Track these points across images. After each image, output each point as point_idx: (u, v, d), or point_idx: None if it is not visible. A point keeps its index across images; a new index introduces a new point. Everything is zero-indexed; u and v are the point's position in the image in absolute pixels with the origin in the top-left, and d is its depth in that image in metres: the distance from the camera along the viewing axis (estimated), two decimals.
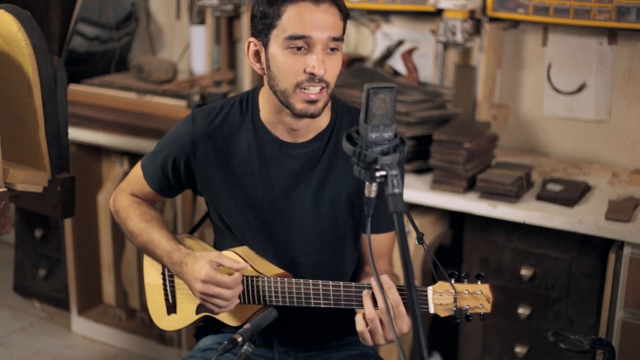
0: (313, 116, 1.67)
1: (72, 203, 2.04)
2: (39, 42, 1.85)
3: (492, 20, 2.73)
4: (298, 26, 1.60)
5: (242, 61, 3.29)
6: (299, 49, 1.62)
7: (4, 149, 1.83)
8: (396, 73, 2.81)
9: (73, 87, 3.08)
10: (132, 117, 2.95)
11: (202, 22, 3.29)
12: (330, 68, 1.64)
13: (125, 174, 3.05)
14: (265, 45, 1.66)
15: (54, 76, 1.90)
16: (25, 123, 1.92)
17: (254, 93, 1.82)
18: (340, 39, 1.65)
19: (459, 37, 2.72)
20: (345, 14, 1.67)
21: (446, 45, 2.85)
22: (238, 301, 1.74)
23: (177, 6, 3.48)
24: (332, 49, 1.64)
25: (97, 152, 3.15)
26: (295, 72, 1.63)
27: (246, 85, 3.24)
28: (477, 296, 1.58)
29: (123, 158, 3.07)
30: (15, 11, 1.85)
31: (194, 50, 3.30)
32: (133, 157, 3.04)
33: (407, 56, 2.71)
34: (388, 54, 2.81)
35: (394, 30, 3.02)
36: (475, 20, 2.76)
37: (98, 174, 3.18)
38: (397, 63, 2.88)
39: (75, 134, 2.97)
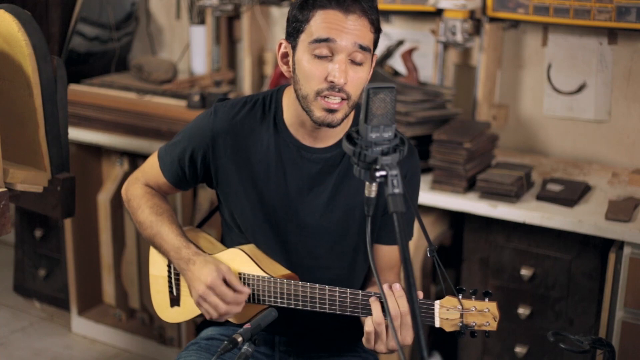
0: (330, 125, 1.66)
1: (72, 203, 2.03)
2: (39, 42, 1.85)
3: (492, 20, 2.73)
4: (323, 30, 1.59)
5: (242, 61, 3.29)
6: (323, 56, 1.60)
7: (4, 149, 1.83)
8: (396, 73, 2.81)
9: (73, 87, 3.08)
10: (132, 117, 2.95)
11: (202, 22, 3.29)
12: (353, 80, 1.62)
13: (125, 173, 3.06)
14: (294, 48, 1.66)
15: (54, 76, 1.90)
16: (25, 123, 1.92)
17: (278, 93, 1.80)
18: (367, 50, 1.62)
19: (459, 37, 2.71)
20: (377, 28, 1.65)
21: (446, 45, 2.85)
22: (229, 317, 1.74)
23: (177, 6, 3.48)
24: (359, 63, 1.62)
25: (97, 152, 3.15)
26: (317, 78, 1.62)
27: (246, 85, 3.24)
28: (484, 314, 1.58)
29: (123, 158, 3.07)
30: (15, 11, 1.85)
31: (194, 50, 3.30)
32: (133, 157, 3.04)
33: (407, 56, 2.71)
34: (388, 54, 2.81)
35: (394, 30, 3.02)
36: (475, 20, 2.76)
37: (98, 174, 3.18)
38: (397, 63, 2.88)
39: (75, 134, 2.97)
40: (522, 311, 2.44)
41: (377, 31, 1.65)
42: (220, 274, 1.71)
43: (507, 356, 2.52)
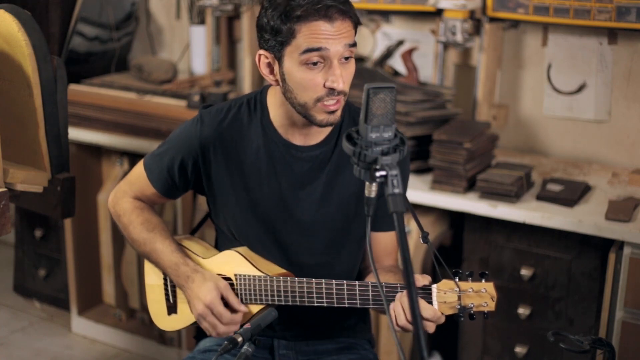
0: (333, 124, 1.69)
1: (72, 203, 2.03)
2: (39, 42, 1.84)
3: (492, 20, 2.73)
4: (313, 41, 1.60)
5: (242, 61, 3.29)
6: (315, 64, 1.61)
7: (4, 149, 1.83)
8: (396, 73, 2.81)
9: (73, 87, 3.08)
10: (132, 117, 2.95)
11: (202, 22, 3.29)
12: (346, 77, 1.65)
13: (126, 174, 3.05)
14: (279, 59, 1.65)
15: (54, 76, 1.89)
16: (25, 123, 1.92)
17: (261, 94, 1.81)
18: (354, 45, 1.65)
19: (459, 37, 2.71)
20: (357, 22, 1.67)
21: (446, 45, 2.85)
22: (226, 336, 1.74)
23: (177, 6, 3.48)
24: (347, 58, 1.64)
25: (97, 152, 3.15)
26: (314, 87, 1.63)
27: (246, 85, 3.24)
28: (481, 294, 1.59)
29: (123, 158, 3.07)
30: (15, 11, 1.85)
31: (194, 50, 3.30)
32: (133, 157, 3.04)
33: (407, 56, 2.71)
34: (388, 54, 2.81)
35: (394, 30, 3.02)
36: (475, 20, 2.76)
37: (98, 174, 3.18)
38: (397, 63, 2.88)
39: (75, 134, 2.97)
40: (522, 311, 2.44)
41: (357, 24, 1.67)
42: (218, 292, 1.72)
43: (507, 356, 2.52)
